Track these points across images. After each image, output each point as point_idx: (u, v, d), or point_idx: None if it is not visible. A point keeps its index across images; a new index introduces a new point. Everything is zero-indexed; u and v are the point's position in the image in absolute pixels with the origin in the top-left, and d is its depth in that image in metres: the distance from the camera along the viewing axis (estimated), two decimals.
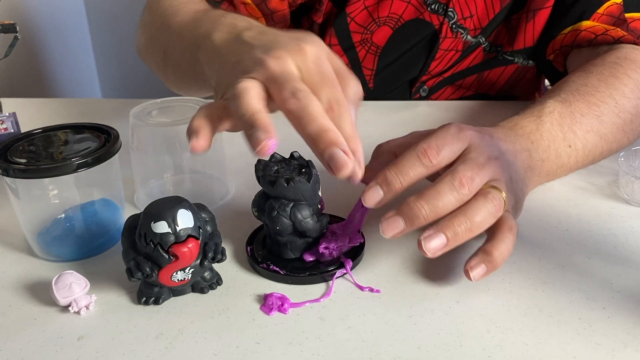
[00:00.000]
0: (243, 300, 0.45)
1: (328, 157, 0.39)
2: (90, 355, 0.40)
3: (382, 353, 0.39)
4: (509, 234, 0.44)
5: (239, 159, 0.67)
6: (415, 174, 0.44)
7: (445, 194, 0.43)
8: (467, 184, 0.43)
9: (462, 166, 0.44)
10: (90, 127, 0.53)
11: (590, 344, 0.40)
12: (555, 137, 0.55)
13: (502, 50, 0.82)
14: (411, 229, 0.43)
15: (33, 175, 0.47)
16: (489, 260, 0.43)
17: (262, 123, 0.39)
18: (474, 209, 0.43)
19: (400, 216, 0.43)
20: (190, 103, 0.58)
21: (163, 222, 0.41)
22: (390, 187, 0.44)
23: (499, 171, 0.46)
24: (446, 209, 0.43)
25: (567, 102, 0.58)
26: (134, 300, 0.45)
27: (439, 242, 0.42)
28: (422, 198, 0.43)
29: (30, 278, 0.48)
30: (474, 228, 0.43)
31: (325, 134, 0.39)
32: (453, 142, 0.46)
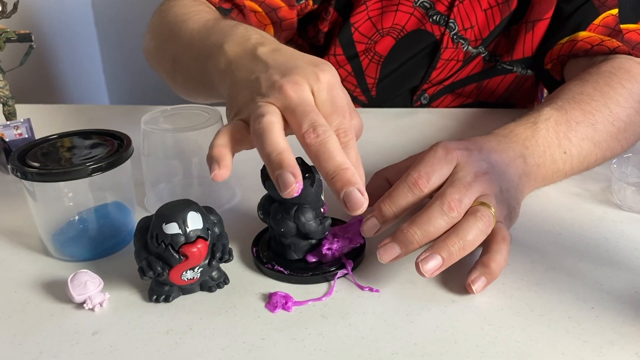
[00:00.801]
0: (249, 298, 0.47)
1: (345, 196, 0.41)
2: (104, 349, 0.42)
3: (381, 349, 0.41)
4: (503, 245, 0.47)
5: (244, 164, 0.69)
6: (407, 203, 0.48)
7: (435, 218, 0.45)
8: (456, 207, 0.46)
9: (449, 189, 0.47)
10: (104, 133, 0.55)
11: (579, 341, 0.42)
12: (550, 143, 0.57)
13: (501, 60, 0.84)
14: (406, 253, 0.46)
15: (50, 178, 0.49)
16: (487, 272, 0.46)
17: (290, 164, 0.42)
18: (465, 228, 0.45)
19: (396, 242, 0.46)
20: (199, 110, 0.61)
21: (174, 223, 0.43)
22: (385, 217, 0.47)
23: (487, 186, 0.49)
24: (437, 232, 0.46)
25: (563, 110, 0.60)
26: (145, 298, 0.47)
27: (435, 263, 0.45)
28: (414, 224, 0.45)
29: (46, 277, 0.51)
30: (467, 246, 0.45)
31: (343, 172, 0.42)
32: (441, 165, 0.49)
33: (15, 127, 0.71)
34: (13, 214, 0.61)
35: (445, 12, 0.80)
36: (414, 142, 0.75)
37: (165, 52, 0.71)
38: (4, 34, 0.69)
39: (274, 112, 0.44)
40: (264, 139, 0.43)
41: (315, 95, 0.46)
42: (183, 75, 0.67)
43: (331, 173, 0.42)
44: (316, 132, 0.43)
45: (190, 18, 0.67)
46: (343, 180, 0.41)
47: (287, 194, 0.42)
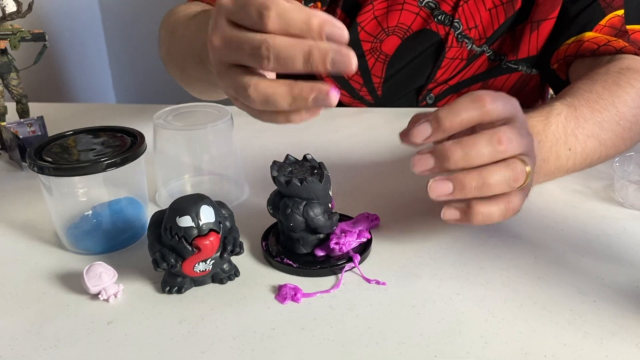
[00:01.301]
0: (259, 290, 0.48)
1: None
2: (119, 337, 0.43)
3: (387, 339, 0.42)
4: (503, 205, 0.45)
5: (253, 162, 0.71)
6: (467, 117, 0.44)
7: (482, 145, 0.43)
8: (506, 143, 0.44)
9: (505, 127, 0.45)
10: (117, 130, 0.57)
11: (580, 332, 0.43)
12: (557, 139, 0.58)
13: (505, 59, 0.86)
14: (440, 169, 0.44)
15: (65, 173, 0.51)
16: (466, 212, 0.45)
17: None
18: (490, 170, 0.44)
19: (432, 155, 0.44)
20: (209, 108, 0.62)
21: (187, 216, 0.45)
22: (440, 124, 0.44)
23: (532, 148, 0.48)
24: (478, 160, 0.43)
25: (573, 107, 0.61)
26: (158, 289, 0.49)
27: (444, 187, 0.43)
28: (458, 143, 0.43)
29: (61, 269, 0.52)
30: (484, 188, 0.43)
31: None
32: (506, 100, 0.47)
33: (29, 125, 0.73)
34: (27, 208, 0.62)
35: (450, 12, 0.82)
36: None
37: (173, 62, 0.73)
38: (19, 33, 0.70)
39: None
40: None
41: None
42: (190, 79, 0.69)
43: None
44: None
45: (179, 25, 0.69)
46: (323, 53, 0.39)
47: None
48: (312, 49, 0.39)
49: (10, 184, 0.68)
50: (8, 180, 0.69)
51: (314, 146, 0.51)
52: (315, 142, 0.74)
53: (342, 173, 0.65)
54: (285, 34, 0.40)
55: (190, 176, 0.63)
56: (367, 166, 0.63)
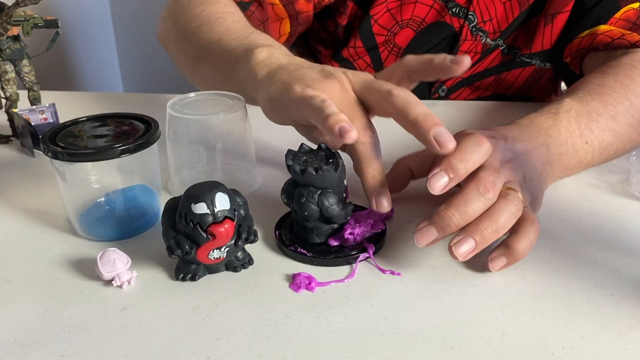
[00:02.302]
0: (273, 279, 0.48)
1: (436, 134, 0.45)
2: (133, 324, 0.43)
3: (402, 329, 0.42)
4: (532, 227, 0.47)
5: (266, 151, 0.70)
6: (477, 158, 0.47)
7: (473, 200, 0.46)
8: (491, 188, 0.46)
9: (483, 172, 0.47)
10: (132, 116, 0.56)
11: (598, 325, 0.42)
12: (572, 133, 0.58)
13: (519, 53, 0.85)
14: (443, 236, 0.46)
15: (79, 158, 0.50)
16: (509, 254, 0.47)
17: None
18: (497, 212, 0.46)
19: (433, 225, 0.46)
20: (223, 97, 0.62)
21: (202, 203, 0.44)
22: (457, 173, 0.46)
23: (511, 173, 0.50)
24: (475, 214, 0.46)
25: (584, 101, 0.60)
26: (171, 276, 0.48)
27: (468, 246, 0.45)
28: (452, 206, 0.45)
29: (74, 255, 0.52)
30: (499, 229, 0.46)
31: (432, 116, 0.46)
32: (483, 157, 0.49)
33: (41, 112, 0.73)
34: (40, 195, 0.62)
35: (464, 5, 0.81)
36: None
37: (191, 40, 0.72)
38: (32, 19, 0.70)
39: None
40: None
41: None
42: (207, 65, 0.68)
43: (421, 114, 0.46)
44: (401, 89, 0.49)
45: (225, 17, 0.70)
46: (434, 120, 0.46)
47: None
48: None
49: (22, 171, 0.68)
50: (20, 167, 0.69)
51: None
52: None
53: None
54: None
55: (203, 165, 0.63)
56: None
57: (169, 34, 0.79)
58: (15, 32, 0.71)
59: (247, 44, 0.61)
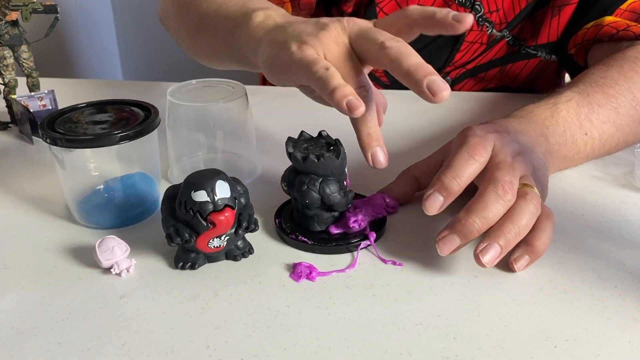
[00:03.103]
0: (273, 268, 0.47)
1: (430, 83, 0.42)
2: (132, 312, 0.43)
3: (404, 319, 0.42)
4: (548, 222, 0.47)
5: (267, 139, 0.70)
6: (470, 172, 0.46)
7: (492, 204, 0.45)
8: (510, 189, 0.45)
9: (498, 172, 0.46)
10: (131, 103, 0.56)
11: (602, 318, 0.42)
12: (571, 124, 0.57)
13: (525, 44, 0.84)
14: (466, 243, 0.45)
15: (78, 145, 0.50)
16: (531, 251, 0.46)
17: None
18: (518, 213, 0.45)
19: (455, 233, 0.45)
20: (224, 85, 0.61)
21: (203, 191, 0.44)
22: (450, 191, 0.46)
23: (524, 165, 0.48)
24: (495, 218, 0.45)
25: (585, 93, 0.60)
26: (171, 265, 0.48)
27: (494, 252, 0.44)
28: (472, 213, 0.44)
29: (72, 243, 0.51)
30: (522, 231, 0.45)
31: (425, 65, 0.44)
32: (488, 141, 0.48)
33: (40, 98, 0.72)
34: (38, 182, 0.62)
35: None
36: (434, 124, 0.75)
37: (190, 12, 0.70)
38: (31, 4, 0.69)
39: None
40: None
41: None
42: (207, 34, 0.66)
43: (414, 64, 0.44)
44: (394, 40, 0.46)
45: None
46: (427, 69, 0.43)
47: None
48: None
49: (21, 158, 0.68)
50: (18, 155, 0.69)
51: (327, 126, 0.51)
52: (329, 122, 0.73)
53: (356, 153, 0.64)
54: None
55: (203, 153, 0.62)
56: None
57: (168, 11, 0.78)
58: (14, 17, 0.70)
59: (244, 10, 0.58)
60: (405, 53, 0.45)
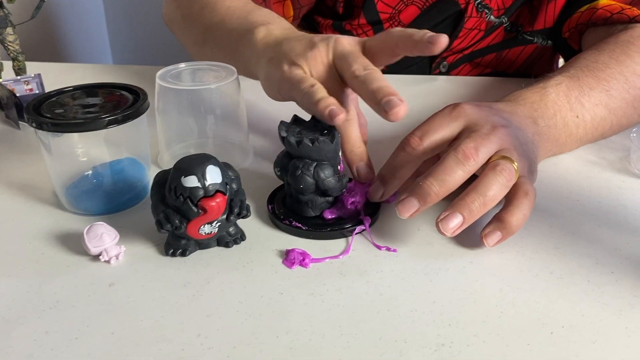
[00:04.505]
0: (266, 254, 0.47)
1: (385, 101, 0.45)
2: (121, 300, 0.42)
3: (399, 306, 0.41)
4: (525, 200, 0.46)
5: (260, 124, 0.69)
6: (400, 163, 0.49)
7: (451, 168, 0.44)
8: (472, 155, 0.45)
9: (464, 140, 0.46)
10: (120, 87, 0.54)
11: (599, 304, 0.41)
12: (561, 107, 0.56)
13: (522, 30, 0.83)
14: (425, 207, 0.45)
15: (65, 129, 0.48)
16: (503, 227, 0.45)
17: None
18: (485, 184, 0.44)
19: (413, 196, 0.45)
20: (215, 67, 0.60)
21: (193, 176, 0.43)
22: (384, 179, 0.50)
23: (507, 138, 0.48)
24: (455, 182, 0.45)
25: (575, 77, 0.59)
26: (161, 252, 0.47)
27: (455, 221, 0.44)
28: (430, 176, 0.45)
29: (60, 230, 0.50)
30: (488, 202, 0.44)
31: (387, 87, 0.47)
32: (442, 123, 0.48)
33: (26, 82, 0.70)
34: (25, 168, 0.60)
35: None
36: (426, 109, 0.74)
37: (196, 22, 0.73)
38: None
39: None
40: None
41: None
42: (213, 45, 0.69)
43: (376, 88, 0.47)
44: (365, 69, 0.49)
45: None
46: (386, 91, 0.46)
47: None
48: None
49: (7, 144, 0.66)
50: (4, 140, 0.67)
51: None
52: None
53: None
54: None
55: (194, 138, 0.61)
56: (371, 134, 0.61)
57: (173, 16, 0.80)
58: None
59: (247, 24, 0.62)
60: (370, 80, 0.48)
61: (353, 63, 0.50)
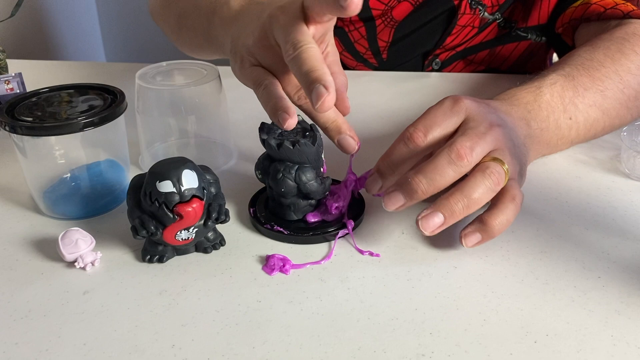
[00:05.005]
0: (245, 260, 0.45)
1: (316, 88, 0.40)
2: (95, 308, 0.41)
3: (379, 314, 0.40)
4: (511, 204, 0.44)
5: (242, 124, 0.67)
6: (400, 158, 0.46)
7: (442, 167, 0.43)
8: (466, 155, 0.43)
9: (460, 137, 0.44)
10: (97, 87, 0.53)
11: (584, 311, 0.40)
12: (554, 108, 0.55)
13: (515, 27, 0.82)
14: (411, 203, 0.43)
15: (40, 132, 0.47)
16: (484, 230, 0.44)
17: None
18: (471, 186, 0.43)
19: (400, 191, 0.43)
20: (196, 66, 0.58)
21: (168, 181, 0.42)
22: (381, 173, 0.47)
23: (502, 138, 0.46)
24: (445, 182, 0.43)
25: (570, 76, 0.58)
26: (138, 258, 0.46)
27: (436, 221, 0.43)
28: (420, 172, 0.43)
29: (36, 235, 0.49)
30: (471, 205, 0.43)
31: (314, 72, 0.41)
32: (445, 117, 0.46)
33: (7, 82, 0.69)
34: (2, 170, 0.59)
35: None
36: (417, 106, 0.73)
37: (171, 9, 0.70)
38: None
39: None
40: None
41: None
42: (188, 31, 0.66)
43: (304, 71, 0.41)
44: (294, 48, 0.42)
45: None
46: (314, 76, 0.40)
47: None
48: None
49: None
50: None
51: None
52: None
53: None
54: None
55: (176, 139, 0.60)
56: (360, 131, 0.59)
57: (154, 8, 0.78)
58: None
59: (213, 3, 0.58)
60: (298, 62, 0.42)
61: (284, 43, 0.43)
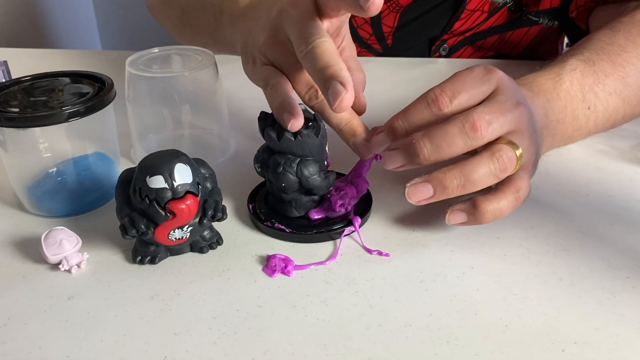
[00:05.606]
0: (244, 261, 0.42)
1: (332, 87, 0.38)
2: (80, 315, 0.37)
3: (391, 320, 0.37)
4: (511, 196, 0.41)
5: (241, 114, 0.64)
6: (421, 121, 0.41)
7: (453, 136, 0.39)
8: (481, 128, 0.39)
9: (481, 107, 0.40)
10: (84, 75, 0.49)
11: (614, 315, 0.37)
12: (573, 97, 0.52)
13: (527, 10, 0.78)
14: (411, 166, 0.41)
15: (22, 124, 0.44)
16: (472, 213, 0.41)
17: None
18: (473, 165, 0.39)
19: (401, 152, 0.40)
20: (190, 52, 0.55)
21: (159, 176, 0.38)
22: (395, 133, 0.42)
23: (525, 120, 0.42)
24: (451, 152, 0.39)
25: (590, 62, 0.54)
26: (128, 259, 0.42)
27: (424, 192, 0.40)
28: (426, 136, 0.40)
29: (19, 234, 0.46)
30: (468, 186, 0.40)
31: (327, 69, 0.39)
32: (475, 85, 0.42)
33: None
34: None
35: None
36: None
37: (172, 5, 0.70)
38: None
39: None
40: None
41: None
42: (192, 28, 0.65)
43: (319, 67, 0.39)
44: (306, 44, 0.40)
45: None
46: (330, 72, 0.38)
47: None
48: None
49: None
50: None
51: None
52: None
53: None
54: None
55: (169, 130, 0.56)
56: (363, 120, 0.56)
57: (153, 2, 0.77)
58: None
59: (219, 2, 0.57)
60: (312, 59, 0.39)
61: (296, 38, 0.41)
